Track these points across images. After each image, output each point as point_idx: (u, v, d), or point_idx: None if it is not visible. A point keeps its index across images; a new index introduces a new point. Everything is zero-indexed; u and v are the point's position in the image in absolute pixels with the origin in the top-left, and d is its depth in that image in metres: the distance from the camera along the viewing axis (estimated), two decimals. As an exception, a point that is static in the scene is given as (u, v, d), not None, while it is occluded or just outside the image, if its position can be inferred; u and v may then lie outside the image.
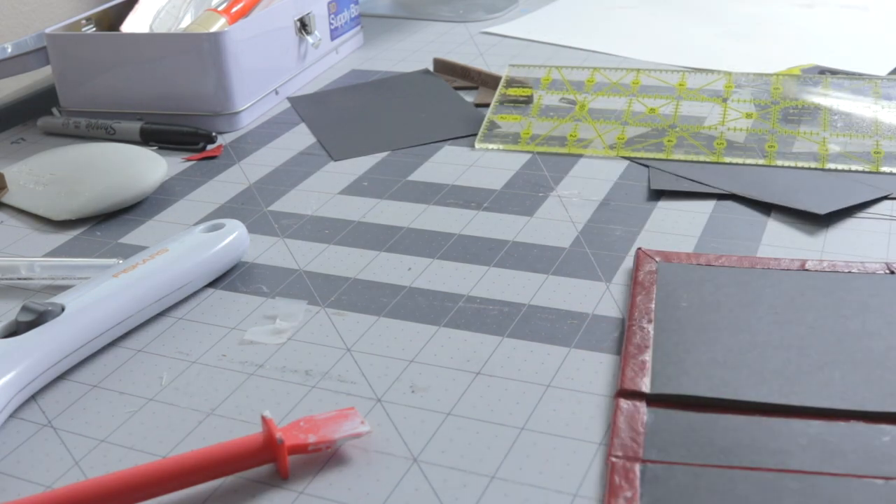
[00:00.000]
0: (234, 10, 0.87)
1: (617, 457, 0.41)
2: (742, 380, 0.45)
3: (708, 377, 0.45)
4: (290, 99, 0.89)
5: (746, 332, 0.48)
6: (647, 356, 0.47)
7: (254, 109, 0.84)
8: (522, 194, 0.66)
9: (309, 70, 0.93)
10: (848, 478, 0.39)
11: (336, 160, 0.75)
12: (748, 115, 0.74)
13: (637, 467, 0.41)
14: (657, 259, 0.55)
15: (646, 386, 0.45)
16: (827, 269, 0.53)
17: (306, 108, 0.87)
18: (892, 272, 0.52)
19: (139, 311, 0.54)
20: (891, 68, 0.84)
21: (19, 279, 0.59)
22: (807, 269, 0.53)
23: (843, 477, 0.39)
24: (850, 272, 0.53)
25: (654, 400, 0.44)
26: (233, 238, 0.59)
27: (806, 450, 0.41)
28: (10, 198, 0.71)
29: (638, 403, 0.44)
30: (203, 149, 0.78)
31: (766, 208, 0.62)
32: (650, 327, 0.49)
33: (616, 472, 0.40)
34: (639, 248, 0.56)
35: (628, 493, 0.39)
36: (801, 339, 0.47)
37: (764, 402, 0.43)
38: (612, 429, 0.43)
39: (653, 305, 0.51)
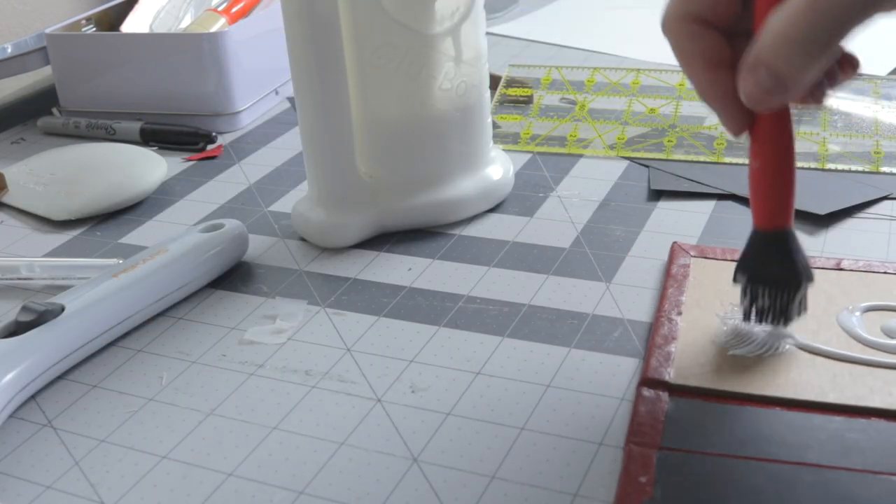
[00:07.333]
0: (234, 10, 0.87)
1: (635, 443, 0.41)
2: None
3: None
4: (290, 99, 0.89)
5: None
6: (674, 347, 0.47)
7: (254, 109, 0.84)
8: (522, 194, 0.66)
9: (309, 70, 0.93)
10: (863, 473, 0.39)
11: (336, 160, 0.75)
12: (748, 115, 0.74)
13: (654, 454, 0.41)
14: (692, 253, 0.55)
15: (669, 376, 0.45)
16: (825, 269, 0.53)
17: (306, 108, 0.86)
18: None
19: (139, 311, 0.54)
20: (891, 68, 0.84)
21: (19, 279, 0.59)
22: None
23: (859, 472, 0.39)
24: (848, 271, 0.53)
25: (676, 390, 0.44)
26: (233, 238, 0.59)
27: (824, 444, 0.41)
28: (10, 198, 0.71)
29: (660, 392, 0.44)
30: (203, 149, 0.78)
31: (766, 208, 0.62)
32: (679, 319, 0.49)
33: (633, 458, 0.40)
34: (674, 242, 0.56)
35: (643, 478, 0.39)
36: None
37: (786, 398, 0.43)
38: (632, 416, 0.43)
39: (683, 298, 0.51)
